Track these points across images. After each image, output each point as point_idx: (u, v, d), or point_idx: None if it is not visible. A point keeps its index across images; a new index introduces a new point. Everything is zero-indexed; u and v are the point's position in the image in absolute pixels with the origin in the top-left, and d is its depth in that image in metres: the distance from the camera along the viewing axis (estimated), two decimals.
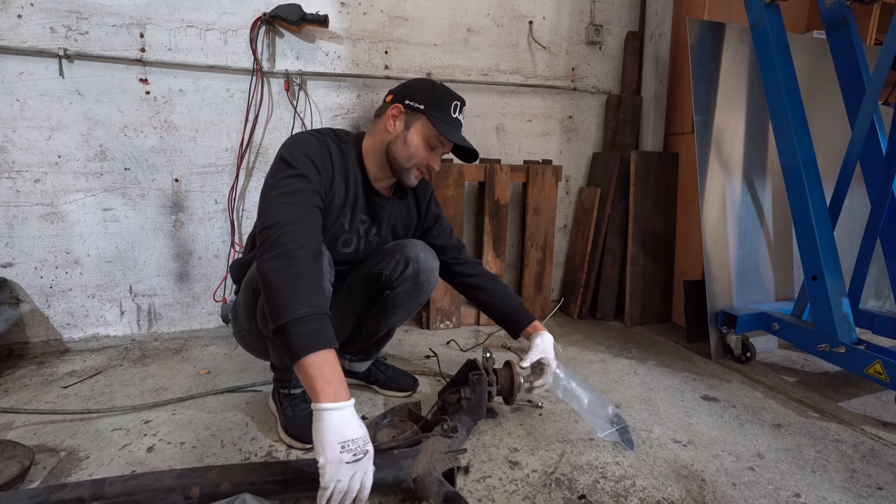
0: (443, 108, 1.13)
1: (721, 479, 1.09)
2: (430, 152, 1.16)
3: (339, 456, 0.79)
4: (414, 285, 1.23)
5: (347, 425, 0.82)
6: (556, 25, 2.24)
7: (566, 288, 2.40)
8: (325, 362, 0.84)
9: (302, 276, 0.89)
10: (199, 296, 1.93)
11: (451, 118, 1.14)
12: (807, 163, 1.56)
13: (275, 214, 0.94)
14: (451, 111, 1.14)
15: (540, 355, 1.27)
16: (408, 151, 1.14)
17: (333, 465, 0.79)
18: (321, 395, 0.82)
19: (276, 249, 0.90)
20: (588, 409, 1.28)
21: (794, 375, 1.70)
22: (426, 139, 1.14)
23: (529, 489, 1.03)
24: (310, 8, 1.84)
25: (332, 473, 0.79)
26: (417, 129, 1.14)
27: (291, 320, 0.84)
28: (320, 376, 0.83)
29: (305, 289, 0.88)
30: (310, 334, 0.84)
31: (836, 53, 1.69)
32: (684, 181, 2.19)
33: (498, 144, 2.24)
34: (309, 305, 0.86)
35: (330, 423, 0.81)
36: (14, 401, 1.38)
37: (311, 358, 0.83)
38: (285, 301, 0.86)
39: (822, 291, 1.53)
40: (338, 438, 0.80)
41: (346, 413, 0.83)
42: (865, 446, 1.25)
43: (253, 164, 1.91)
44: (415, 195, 1.33)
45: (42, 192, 1.69)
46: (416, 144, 1.14)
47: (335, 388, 0.83)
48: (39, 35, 1.62)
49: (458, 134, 1.16)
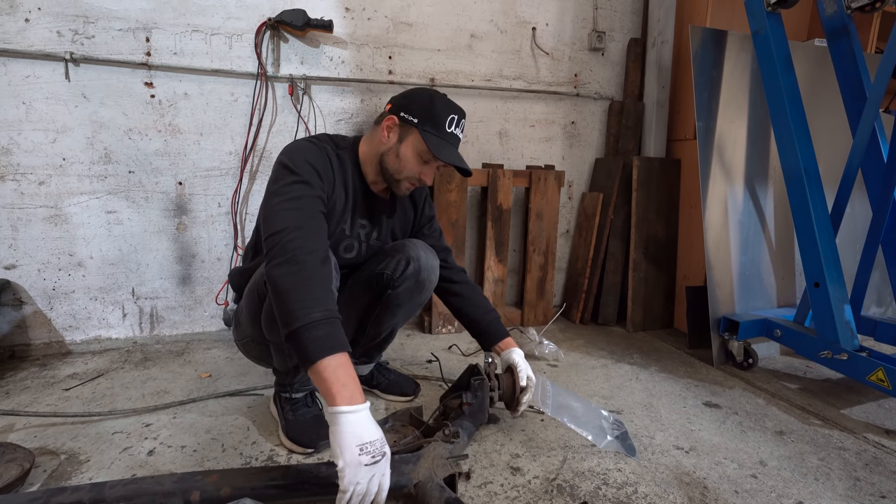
0: (437, 124, 1.11)
1: (723, 487, 1.08)
2: (422, 166, 1.15)
3: (357, 458, 0.79)
4: (415, 284, 1.23)
5: (365, 428, 0.83)
6: (559, 32, 2.25)
7: (568, 293, 2.40)
8: (340, 365, 0.85)
9: (312, 280, 0.89)
10: (202, 299, 1.94)
11: (444, 133, 1.12)
12: (808, 169, 1.57)
13: (280, 221, 0.95)
14: (446, 125, 1.12)
15: (528, 368, 1.27)
16: (399, 164, 1.14)
17: (352, 468, 0.79)
18: (337, 398, 0.83)
19: (285, 255, 0.90)
20: (582, 422, 1.28)
21: (796, 382, 1.69)
22: (418, 153, 1.13)
23: (531, 495, 1.03)
24: (314, 13, 1.86)
25: (352, 476, 0.79)
26: (410, 143, 1.13)
27: (304, 325, 0.85)
28: (335, 380, 0.83)
29: (316, 293, 0.88)
30: (323, 338, 0.85)
31: (838, 61, 1.70)
32: (686, 187, 2.20)
33: (501, 150, 2.25)
34: (321, 310, 0.87)
35: (348, 426, 0.81)
36: (15, 403, 1.38)
37: (325, 362, 0.84)
38: (297, 305, 0.86)
39: (825, 298, 1.53)
40: (356, 441, 0.81)
41: (363, 416, 0.84)
42: (868, 454, 1.24)
43: (256, 168, 1.92)
44: (411, 195, 1.34)
45: (46, 195, 1.70)
46: (408, 158, 1.13)
47: (351, 391, 0.84)
48: (46, 39, 1.63)
49: (449, 151, 1.13)
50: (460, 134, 1.16)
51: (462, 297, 1.36)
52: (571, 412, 1.32)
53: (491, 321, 1.35)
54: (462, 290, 1.36)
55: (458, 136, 1.16)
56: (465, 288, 1.37)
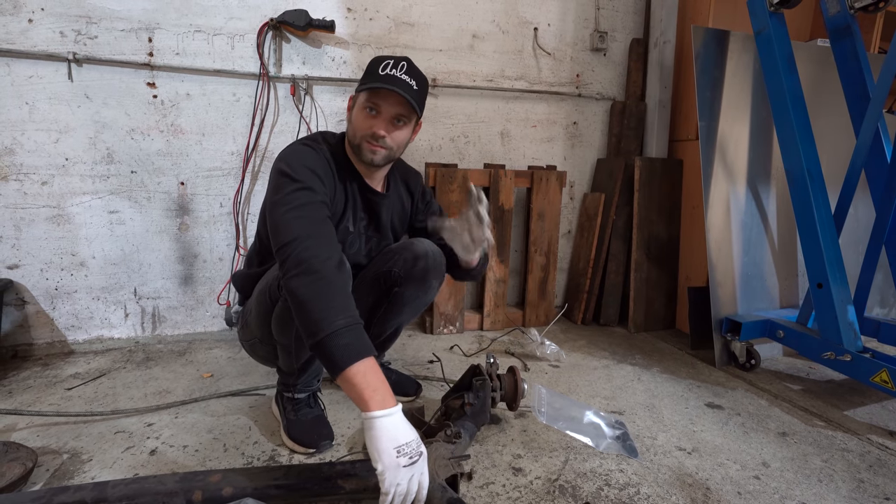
0: (371, 74, 1.10)
1: (726, 488, 1.08)
2: (370, 120, 1.11)
3: (395, 461, 0.80)
4: (422, 282, 1.23)
5: (400, 430, 0.83)
6: (561, 32, 2.25)
7: (570, 294, 2.40)
8: (369, 370, 0.85)
9: (331, 288, 0.89)
10: (204, 299, 1.94)
11: (378, 76, 1.08)
12: (811, 170, 1.56)
13: (290, 231, 0.94)
14: (379, 70, 1.09)
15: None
16: (352, 129, 1.14)
17: (392, 471, 0.80)
18: (370, 403, 0.83)
19: (300, 266, 0.90)
20: (580, 426, 1.28)
21: (798, 383, 1.69)
22: (362, 108, 1.11)
23: (533, 496, 1.03)
24: (316, 14, 1.86)
25: (392, 478, 0.80)
26: (357, 105, 1.14)
27: (330, 333, 0.85)
28: (366, 385, 0.84)
29: (337, 301, 0.89)
30: (350, 346, 0.85)
31: (841, 62, 1.70)
32: (688, 187, 2.19)
33: (503, 150, 2.25)
34: (344, 317, 0.87)
35: (384, 429, 0.82)
36: (18, 402, 1.38)
37: (354, 368, 0.84)
38: (321, 315, 0.86)
39: (828, 299, 1.53)
40: (393, 444, 0.81)
41: (397, 418, 0.84)
42: (872, 456, 1.24)
43: (258, 168, 1.92)
44: (406, 183, 1.34)
45: (49, 195, 1.70)
46: (357, 118, 1.12)
47: (382, 394, 0.84)
48: (49, 39, 1.64)
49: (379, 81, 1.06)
50: (400, 74, 1.08)
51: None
52: (568, 418, 1.32)
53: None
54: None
55: (396, 76, 1.08)
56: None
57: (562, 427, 1.28)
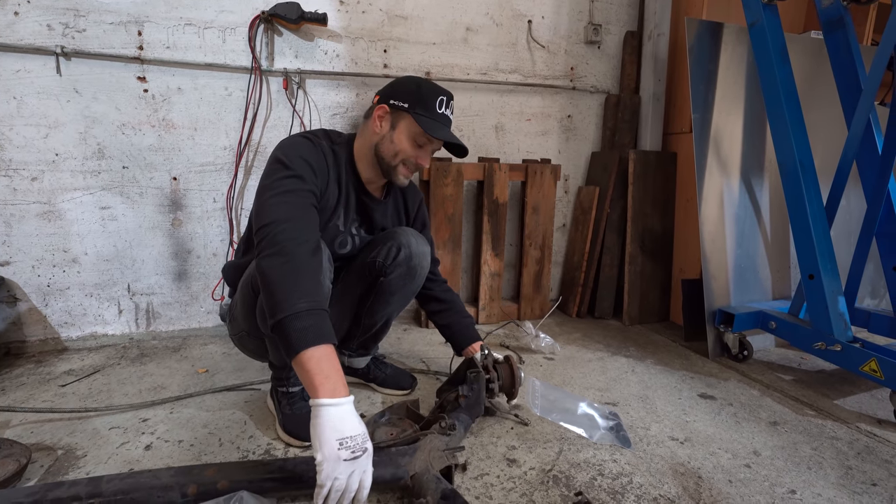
0: (427, 106, 1.12)
1: (717, 477, 1.09)
2: (417, 150, 1.15)
3: (336, 453, 0.78)
4: (407, 270, 1.23)
5: (346, 422, 0.81)
6: (556, 25, 2.24)
7: (565, 287, 2.41)
8: (324, 357, 0.84)
9: (300, 271, 0.89)
10: (198, 294, 1.93)
11: (436, 114, 1.13)
12: (804, 162, 1.57)
13: (271, 213, 0.94)
14: (437, 107, 1.13)
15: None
16: (394, 149, 1.14)
17: (331, 462, 0.78)
18: (319, 390, 0.81)
19: (274, 247, 0.90)
20: (573, 418, 1.29)
21: (790, 373, 1.71)
22: (412, 137, 1.14)
23: (527, 486, 1.04)
24: (309, 6, 1.84)
25: (330, 471, 0.78)
26: (403, 128, 1.13)
27: (289, 315, 0.84)
28: (318, 371, 0.82)
29: (304, 284, 0.88)
30: (308, 329, 0.84)
31: (833, 53, 1.70)
32: (682, 180, 2.20)
33: (497, 143, 2.24)
34: (307, 301, 0.86)
35: (328, 419, 0.80)
36: (11, 399, 1.37)
37: (309, 353, 0.83)
38: (283, 296, 0.85)
39: (819, 290, 1.54)
40: (336, 435, 0.79)
41: (345, 409, 0.82)
42: (860, 443, 1.26)
43: (251, 163, 1.91)
44: (404, 199, 1.35)
45: (39, 191, 1.69)
46: (402, 143, 1.14)
47: (333, 383, 0.83)
48: (37, 32, 1.61)
49: (444, 130, 1.14)
50: (450, 115, 1.17)
51: (440, 301, 1.42)
52: (562, 409, 1.33)
53: (467, 325, 1.41)
54: (441, 295, 1.42)
55: (449, 117, 1.17)
56: (445, 294, 1.42)
57: (556, 419, 1.30)
